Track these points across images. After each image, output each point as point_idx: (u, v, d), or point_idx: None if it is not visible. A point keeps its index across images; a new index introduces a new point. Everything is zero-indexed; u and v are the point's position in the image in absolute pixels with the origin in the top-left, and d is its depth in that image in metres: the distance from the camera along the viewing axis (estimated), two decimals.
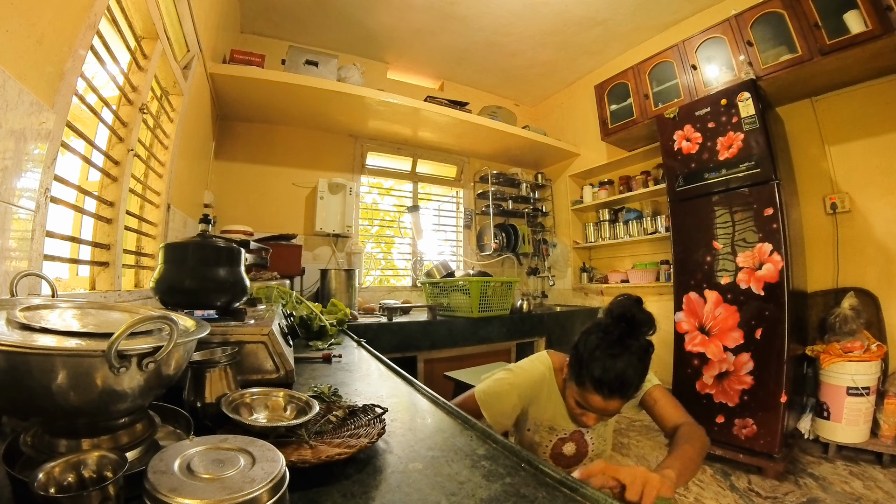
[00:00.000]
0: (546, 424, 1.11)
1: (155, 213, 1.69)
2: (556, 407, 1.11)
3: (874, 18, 1.91)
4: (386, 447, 0.58)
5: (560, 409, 1.10)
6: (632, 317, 0.95)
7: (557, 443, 1.11)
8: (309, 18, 2.98)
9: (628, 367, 0.92)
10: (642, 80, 2.93)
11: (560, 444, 1.11)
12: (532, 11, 2.90)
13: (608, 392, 0.94)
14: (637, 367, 0.94)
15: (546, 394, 1.11)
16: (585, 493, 0.46)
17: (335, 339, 1.50)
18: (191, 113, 1.98)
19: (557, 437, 1.10)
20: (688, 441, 0.91)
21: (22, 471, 0.38)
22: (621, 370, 0.92)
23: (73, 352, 0.39)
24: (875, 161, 2.22)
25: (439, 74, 3.83)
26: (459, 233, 3.95)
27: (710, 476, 1.95)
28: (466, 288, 2.68)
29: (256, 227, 2.70)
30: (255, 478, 0.33)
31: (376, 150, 3.62)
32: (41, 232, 0.86)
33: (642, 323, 0.95)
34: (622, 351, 0.93)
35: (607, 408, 0.96)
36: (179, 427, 0.56)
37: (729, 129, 2.19)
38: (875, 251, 2.21)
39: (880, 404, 1.98)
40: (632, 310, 0.97)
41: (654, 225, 3.12)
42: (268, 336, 0.81)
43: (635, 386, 0.95)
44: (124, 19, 1.28)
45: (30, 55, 0.76)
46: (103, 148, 1.25)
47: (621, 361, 0.92)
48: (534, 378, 1.12)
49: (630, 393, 0.95)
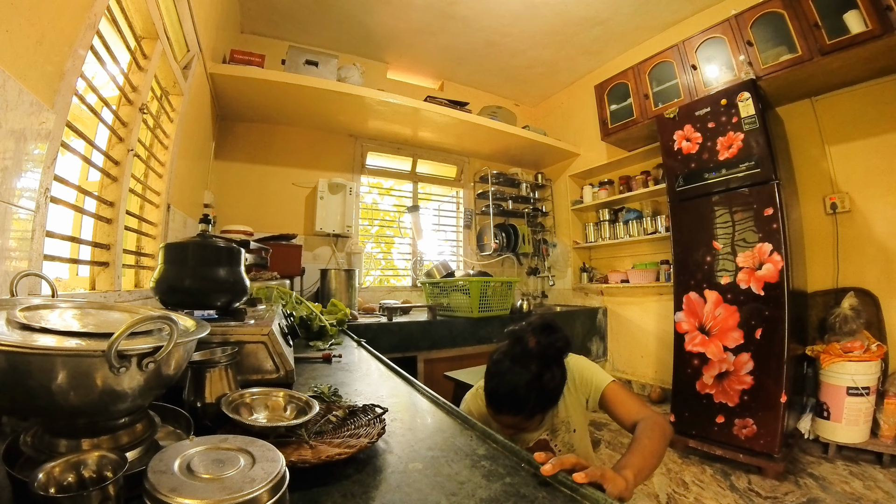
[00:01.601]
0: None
1: (155, 213, 1.69)
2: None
3: (874, 18, 1.91)
4: (386, 447, 0.58)
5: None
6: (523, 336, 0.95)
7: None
8: (309, 18, 2.99)
9: (519, 385, 0.90)
10: (642, 80, 2.93)
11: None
12: (532, 11, 2.90)
13: (496, 407, 0.94)
14: (532, 384, 0.91)
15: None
16: (585, 493, 0.46)
17: (335, 340, 1.50)
18: (191, 113, 1.98)
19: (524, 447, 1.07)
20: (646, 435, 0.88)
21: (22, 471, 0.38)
22: (509, 387, 0.91)
23: (73, 352, 0.39)
24: (875, 161, 2.22)
25: (439, 74, 3.83)
26: (459, 233, 3.95)
27: (710, 476, 1.95)
28: (466, 288, 2.68)
29: (256, 227, 2.70)
30: (255, 478, 0.33)
31: (376, 150, 3.62)
32: (41, 232, 0.86)
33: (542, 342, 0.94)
34: (513, 367, 0.92)
35: (502, 421, 0.95)
36: (179, 427, 0.56)
37: (729, 129, 2.19)
38: (875, 251, 2.21)
39: (880, 404, 1.98)
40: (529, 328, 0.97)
41: (654, 225, 3.12)
42: (268, 336, 0.81)
43: (532, 402, 0.92)
44: (124, 19, 1.28)
45: (30, 55, 0.76)
46: (103, 148, 1.25)
47: (511, 377, 0.91)
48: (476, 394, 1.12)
49: (524, 409, 0.92)
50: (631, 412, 0.99)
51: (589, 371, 1.07)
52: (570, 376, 1.02)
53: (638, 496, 1.78)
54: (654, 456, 0.85)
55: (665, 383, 2.91)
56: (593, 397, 1.04)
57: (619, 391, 1.03)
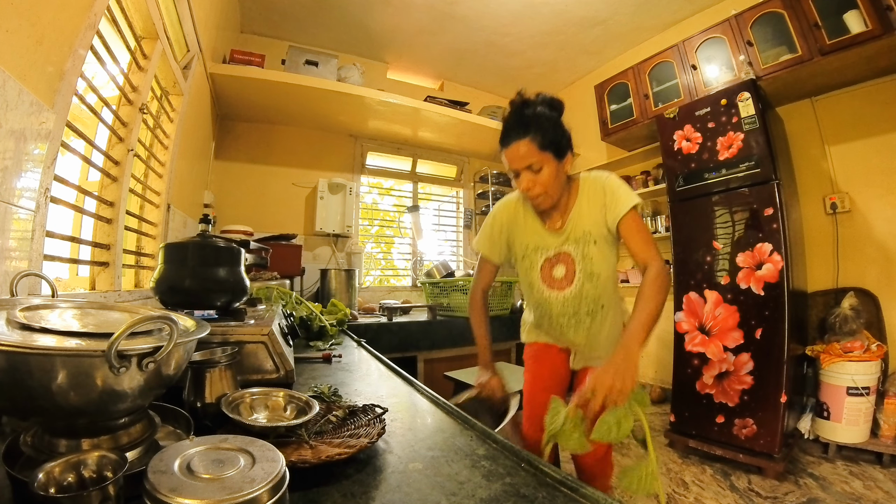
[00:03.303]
0: (532, 245, 1.21)
1: (155, 213, 1.69)
2: (533, 224, 1.21)
3: (874, 18, 1.90)
4: (386, 447, 0.58)
5: (537, 226, 1.20)
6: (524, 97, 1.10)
7: (546, 264, 1.20)
8: (309, 18, 2.99)
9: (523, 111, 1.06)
10: (642, 80, 2.93)
11: (549, 266, 1.19)
12: (532, 11, 2.90)
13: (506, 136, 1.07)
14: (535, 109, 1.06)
15: (522, 215, 1.23)
16: (585, 493, 0.46)
17: (335, 340, 1.50)
18: (191, 113, 1.98)
19: (544, 257, 1.20)
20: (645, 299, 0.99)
21: (22, 471, 0.38)
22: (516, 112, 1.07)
23: (73, 352, 0.39)
24: (875, 161, 2.22)
25: (439, 74, 3.83)
26: (459, 233, 3.95)
27: (710, 476, 1.95)
28: (466, 288, 2.68)
29: (256, 227, 2.70)
30: (255, 478, 0.33)
31: (376, 150, 3.62)
32: (41, 232, 0.86)
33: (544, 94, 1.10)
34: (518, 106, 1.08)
35: (518, 152, 1.05)
36: (179, 427, 0.56)
37: (729, 129, 2.19)
38: (875, 251, 2.21)
39: (880, 404, 1.98)
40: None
41: (653, 225, 3.11)
42: (268, 336, 0.81)
43: (537, 123, 1.05)
44: (124, 19, 1.28)
45: (30, 55, 0.76)
46: (103, 148, 1.25)
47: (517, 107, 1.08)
48: (507, 205, 1.26)
49: (530, 127, 1.04)
50: (642, 252, 1.07)
51: (618, 186, 1.12)
52: (598, 185, 1.13)
53: (638, 496, 1.78)
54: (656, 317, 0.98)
55: (665, 383, 2.91)
56: (614, 213, 1.09)
57: (638, 221, 1.10)
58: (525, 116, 1.06)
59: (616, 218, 1.08)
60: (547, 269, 1.19)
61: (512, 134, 1.06)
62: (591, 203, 1.13)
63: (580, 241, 1.14)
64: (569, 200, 1.16)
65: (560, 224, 1.16)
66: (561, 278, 1.17)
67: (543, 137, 1.04)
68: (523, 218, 1.23)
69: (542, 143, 1.04)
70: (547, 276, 1.19)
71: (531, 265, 1.22)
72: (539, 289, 1.21)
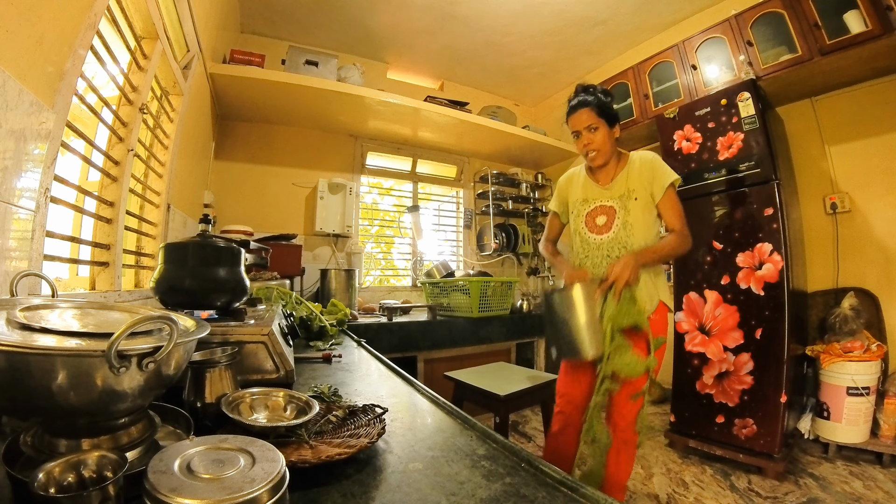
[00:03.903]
0: (581, 198, 1.53)
1: (155, 213, 1.69)
2: (585, 183, 1.54)
3: (874, 18, 1.91)
4: (386, 447, 0.58)
5: (587, 183, 1.52)
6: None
7: (591, 212, 1.50)
8: (309, 18, 2.98)
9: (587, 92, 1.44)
10: (642, 80, 2.93)
11: (593, 214, 1.49)
12: (532, 11, 2.90)
13: (572, 106, 1.44)
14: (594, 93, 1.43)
15: (577, 178, 1.58)
16: (585, 493, 0.46)
17: (335, 340, 1.50)
18: (191, 113, 1.98)
19: (590, 207, 1.50)
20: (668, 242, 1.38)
21: (22, 471, 0.38)
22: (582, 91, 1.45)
23: (73, 352, 0.39)
24: (875, 161, 2.22)
25: (439, 74, 3.83)
26: (459, 233, 3.95)
27: (710, 476, 1.95)
28: (466, 288, 2.68)
29: (256, 227, 2.70)
30: (255, 478, 0.33)
31: (376, 150, 3.62)
32: (41, 232, 0.86)
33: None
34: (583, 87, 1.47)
35: (581, 116, 1.41)
36: (179, 427, 0.56)
37: (729, 129, 2.19)
38: (875, 251, 2.21)
39: (880, 404, 1.98)
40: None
41: None
42: (268, 336, 0.81)
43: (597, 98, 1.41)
44: (124, 19, 1.28)
45: (30, 55, 0.76)
46: (103, 148, 1.25)
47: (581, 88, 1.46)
48: (568, 174, 1.64)
49: (592, 98, 1.41)
50: (673, 222, 1.41)
51: (662, 164, 1.43)
52: (649, 157, 1.45)
53: (638, 496, 1.78)
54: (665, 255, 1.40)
55: (665, 383, 2.91)
56: (661, 182, 1.39)
57: (675, 196, 1.42)
58: (588, 93, 1.42)
59: (663, 186, 1.38)
60: (591, 217, 1.49)
61: (578, 105, 1.42)
62: (640, 169, 1.42)
63: (623, 197, 1.43)
64: (617, 166, 1.48)
65: (608, 182, 1.47)
66: (602, 225, 1.46)
67: (600, 108, 1.40)
68: (577, 179, 1.57)
69: (599, 111, 1.40)
70: (591, 222, 1.49)
71: (578, 213, 1.52)
72: (582, 232, 1.50)
